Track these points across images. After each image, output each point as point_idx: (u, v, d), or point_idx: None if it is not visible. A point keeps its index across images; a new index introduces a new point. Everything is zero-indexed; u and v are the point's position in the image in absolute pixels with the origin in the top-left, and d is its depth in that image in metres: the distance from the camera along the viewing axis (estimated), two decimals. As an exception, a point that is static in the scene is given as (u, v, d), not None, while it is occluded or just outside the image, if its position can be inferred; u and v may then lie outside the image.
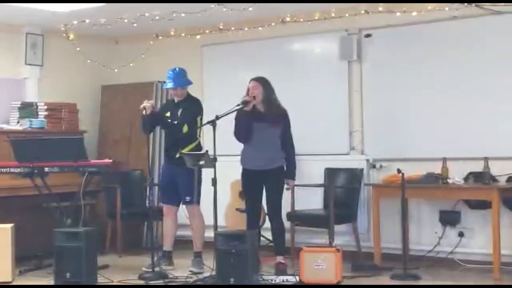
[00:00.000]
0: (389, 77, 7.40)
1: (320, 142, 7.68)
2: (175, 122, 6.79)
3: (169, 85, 6.89)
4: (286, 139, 6.76)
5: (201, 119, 6.86)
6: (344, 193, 7.38)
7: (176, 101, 6.92)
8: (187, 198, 6.78)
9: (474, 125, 6.95)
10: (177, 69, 6.93)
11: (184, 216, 7.02)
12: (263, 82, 6.73)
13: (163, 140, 6.99)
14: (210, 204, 6.34)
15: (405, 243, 6.72)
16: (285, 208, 7.18)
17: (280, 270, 6.59)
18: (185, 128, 6.75)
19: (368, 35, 7.52)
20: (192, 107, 6.86)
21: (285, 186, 6.80)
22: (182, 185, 6.78)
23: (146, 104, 6.66)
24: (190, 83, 6.98)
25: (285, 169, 6.77)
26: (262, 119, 6.65)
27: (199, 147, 6.87)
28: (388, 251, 7.06)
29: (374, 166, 7.47)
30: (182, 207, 7.00)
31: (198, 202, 6.80)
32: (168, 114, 6.87)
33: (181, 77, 6.90)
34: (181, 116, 6.80)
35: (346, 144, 7.64)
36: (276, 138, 6.71)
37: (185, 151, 6.69)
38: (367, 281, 6.41)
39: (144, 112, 6.65)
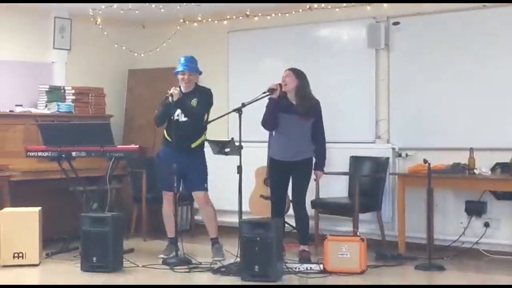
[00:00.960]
0: (417, 66, 7.35)
1: (346, 130, 7.66)
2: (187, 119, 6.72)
3: (179, 68, 6.75)
4: (317, 130, 6.71)
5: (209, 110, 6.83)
6: (369, 182, 7.37)
7: (184, 90, 6.74)
8: (205, 185, 6.78)
9: (502, 115, 6.90)
10: (189, 56, 6.85)
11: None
12: (297, 72, 6.67)
13: (169, 132, 6.79)
14: (234, 190, 6.36)
15: (430, 233, 6.70)
16: (310, 195, 7.19)
17: (304, 258, 6.61)
18: (204, 116, 6.72)
19: (396, 23, 7.47)
20: (206, 99, 6.78)
21: (313, 177, 6.79)
22: (196, 173, 6.73)
23: (174, 90, 6.63)
24: (200, 72, 6.87)
25: (313, 160, 6.74)
26: (292, 111, 6.62)
27: (204, 139, 6.85)
28: (412, 240, 7.06)
29: (400, 155, 7.44)
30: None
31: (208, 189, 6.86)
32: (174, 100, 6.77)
33: (191, 63, 6.80)
34: (199, 106, 6.71)
35: (372, 133, 7.62)
36: (306, 131, 6.67)
37: (198, 142, 6.70)
38: (391, 270, 6.41)
39: (170, 99, 6.63)
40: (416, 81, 7.36)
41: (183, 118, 6.73)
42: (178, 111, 6.71)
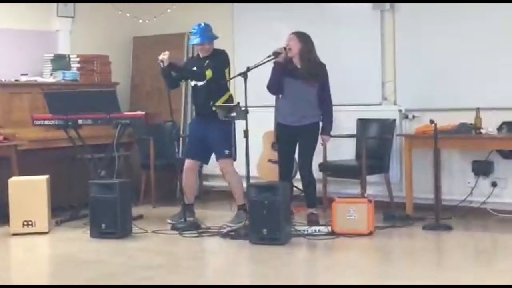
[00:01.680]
0: (422, 27, 7.30)
1: (353, 92, 7.63)
2: (194, 68, 6.73)
3: (196, 40, 6.76)
4: (324, 94, 6.68)
5: (229, 70, 6.81)
6: (376, 144, 7.37)
7: (201, 56, 6.82)
8: (226, 152, 6.72)
9: (508, 75, 6.86)
10: (202, 24, 6.81)
11: (212, 167, 7.02)
12: (301, 36, 6.62)
13: (191, 95, 6.84)
14: (243, 155, 6.37)
15: (437, 193, 6.71)
16: (317, 158, 7.20)
17: (312, 220, 6.63)
18: (208, 73, 6.63)
19: (400, -15, 7.40)
20: (218, 59, 6.76)
21: (320, 141, 6.79)
22: (218, 139, 6.71)
23: (163, 56, 6.62)
24: (216, 37, 6.87)
25: (320, 124, 6.73)
26: (297, 75, 6.59)
27: (231, 99, 6.82)
28: (420, 201, 7.06)
29: (406, 117, 7.42)
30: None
31: (235, 158, 6.82)
32: (194, 69, 6.81)
33: (207, 32, 6.79)
34: (206, 65, 6.69)
35: (379, 95, 7.60)
36: (311, 95, 6.64)
37: (218, 103, 6.67)
38: (399, 231, 6.43)
39: (162, 65, 6.62)
40: (422, 42, 7.31)
41: (198, 83, 6.74)
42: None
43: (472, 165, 7.09)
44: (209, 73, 6.64)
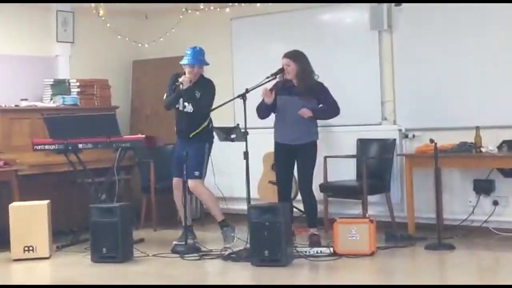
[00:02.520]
0: (420, 46, 7.32)
1: (352, 112, 7.61)
2: (191, 110, 6.78)
3: (186, 61, 6.79)
4: (329, 105, 6.68)
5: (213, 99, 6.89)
6: (377, 164, 7.36)
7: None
8: (196, 173, 6.78)
9: (507, 93, 6.87)
10: (197, 47, 6.86)
11: (213, 191, 7.03)
12: (295, 57, 6.66)
13: (175, 118, 6.90)
14: (243, 177, 6.36)
15: (439, 213, 6.70)
16: (318, 179, 7.20)
17: (314, 241, 6.62)
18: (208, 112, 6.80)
19: (398, 4, 7.43)
20: (209, 91, 6.82)
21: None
22: (190, 159, 6.73)
23: (185, 78, 6.68)
24: (207, 63, 6.92)
25: (317, 143, 6.74)
26: (294, 92, 6.63)
27: (211, 122, 6.90)
28: (421, 221, 7.04)
29: (406, 136, 7.42)
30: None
31: (203, 177, 6.88)
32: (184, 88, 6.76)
33: (200, 56, 6.84)
34: (203, 99, 6.75)
35: (378, 115, 7.60)
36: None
37: (198, 130, 6.75)
38: (402, 251, 6.41)
39: (181, 87, 6.65)
40: (420, 61, 7.32)
41: (185, 109, 6.79)
42: (181, 100, 6.77)
43: (473, 184, 7.08)
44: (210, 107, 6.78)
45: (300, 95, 6.61)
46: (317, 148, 6.76)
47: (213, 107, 6.79)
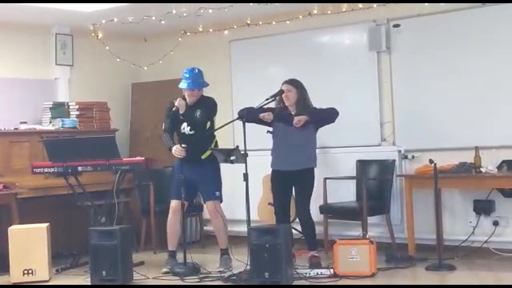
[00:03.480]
0: (419, 67, 7.35)
1: (351, 134, 7.65)
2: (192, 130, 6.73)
3: (185, 85, 6.71)
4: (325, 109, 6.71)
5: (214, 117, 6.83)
6: (376, 185, 7.35)
7: (189, 102, 6.73)
8: (217, 193, 6.74)
9: (506, 113, 6.89)
10: (196, 69, 6.79)
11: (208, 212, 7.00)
12: (296, 85, 6.71)
13: (179, 142, 6.81)
14: (242, 199, 6.36)
15: (439, 234, 6.69)
16: (318, 201, 7.20)
17: (314, 263, 6.60)
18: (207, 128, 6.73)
19: (396, 25, 7.47)
20: (210, 109, 6.74)
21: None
22: (207, 182, 6.70)
23: (180, 102, 6.64)
24: (207, 84, 6.86)
25: (315, 171, 6.74)
26: (291, 120, 6.64)
27: (216, 145, 6.84)
28: (422, 242, 7.02)
29: (406, 157, 7.42)
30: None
31: (221, 199, 6.83)
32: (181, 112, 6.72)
33: (199, 78, 6.78)
34: (200, 117, 6.66)
35: (377, 136, 7.61)
36: (306, 139, 6.68)
37: (206, 154, 6.69)
38: (402, 272, 6.38)
39: (179, 112, 6.63)
40: (419, 82, 7.35)
41: (189, 131, 6.73)
42: (184, 124, 6.71)
43: (473, 204, 7.07)
44: (206, 124, 6.70)
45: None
46: (315, 175, 6.75)
47: (214, 127, 6.76)
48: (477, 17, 7.01)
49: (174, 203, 6.78)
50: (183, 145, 6.64)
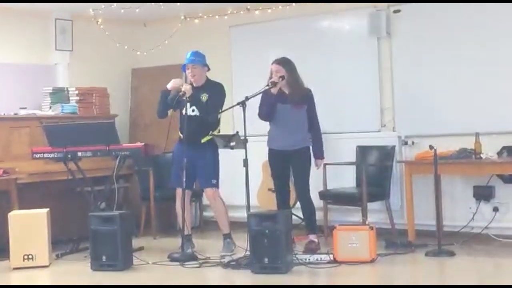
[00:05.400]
0: (419, 52, 7.33)
1: (351, 120, 7.65)
2: (198, 113, 6.70)
3: (186, 61, 6.75)
4: (312, 118, 6.77)
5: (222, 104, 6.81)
6: (376, 171, 7.35)
7: (194, 84, 6.74)
8: (213, 181, 6.75)
9: (507, 98, 6.88)
10: (200, 52, 6.83)
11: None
12: (285, 63, 6.69)
13: (180, 123, 6.76)
14: (242, 184, 6.36)
15: (439, 220, 6.69)
16: (318, 186, 7.21)
17: (310, 249, 6.61)
18: (216, 116, 6.72)
19: (397, 11, 7.44)
20: (216, 92, 6.74)
21: (315, 167, 6.79)
22: (205, 168, 6.71)
23: (186, 86, 6.62)
24: (208, 67, 6.83)
25: (311, 149, 6.78)
26: (286, 100, 6.66)
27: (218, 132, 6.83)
28: (422, 227, 7.03)
29: (406, 143, 7.42)
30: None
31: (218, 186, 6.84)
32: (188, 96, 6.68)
33: (200, 57, 6.79)
34: (210, 102, 6.67)
35: (377, 122, 7.61)
36: (301, 119, 6.71)
37: (206, 138, 6.68)
38: (402, 258, 6.39)
39: (185, 97, 6.58)
40: (419, 67, 7.33)
41: (192, 113, 6.69)
42: (188, 105, 6.67)
43: (473, 190, 7.07)
44: (219, 110, 6.71)
45: (293, 103, 6.65)
46: (311, 154, 6.78)
47: (221, 115, 6.75)
48: (479, 3, 6.97)
49: (178, 191, 6.80)
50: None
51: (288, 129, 6.68)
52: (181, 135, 6.78)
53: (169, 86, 6.71)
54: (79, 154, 6.85)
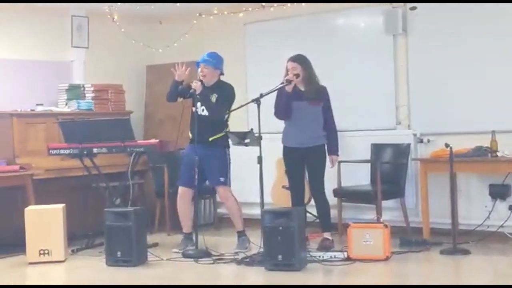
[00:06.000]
0: (435, 50, 7.29)
1: (366, 117, 7.63)
2: (206, 111, 6.72)
3: (201, 58, 6.79)
4: (327, 115, 6.75)
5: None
6: (391, 169, 7.34)
7: (206, 84, 6.76)
8: (221, 179, 6.77)
9: (524, 97, 6.84)
10: (217, 53, 6.83)
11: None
12: (301, 61, 6.68)
13: (192, 126, 6.77)
14: (256, 182, 6.36)
15: (454, 218, 6.66)
16: (332, 184, 7.19)
17: (324, 246, 6.60)
18: (223, 116, 6.74)
19: (413, 8, 7.41)
20: (225, 93, 6.74)
21: (329, 164, 6.78)
22: (213, 167, 6.73)
23: (196, 84, 6.65)
24: (222, 71, 6.83)
25: (326, 146, 6.77)
26: (302, 97, 6.65)
27: (226, 136, 6.83)
28: (437, 226, 7.01)
29: (421, 141, 7.39)
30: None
31: (229, 184, 6.86)
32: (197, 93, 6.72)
33: (216, 59, 6.80)
34: (218, 103, 6.69)
35: (393, 119, 7.58)
36: (317, 116, 6.71)
37: (218, 136, 6.70)
38: (416, 256, 6.38)
39: (196, 93, 6.63)
40: (435, 65, 7.30)
41: (202, 112, 6.73)
42: (199, 104, 6.71)
43: (489, 188, 7.03)
44: (225, 112, 6.73)
45: (309, 100, 6.64)
46: (326, 152, 6.78)
47: (229, 115, 6.76)
48: (495, 3, 6.92)
49: (180, 190, 6.87)
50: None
51: (303, 126, 6.68)
52: (190, 135, 6.82)
53: (177, 77, 6.72)
54: (95, 150, 6.90)
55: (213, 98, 6.73)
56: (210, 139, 6.72)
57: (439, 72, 7.28)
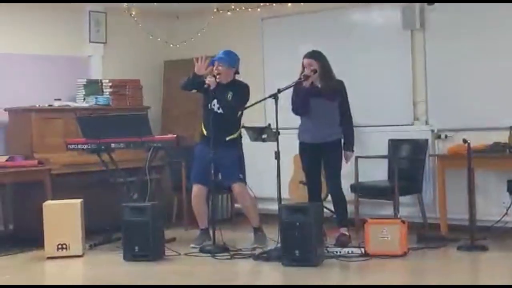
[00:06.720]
0: (453, 45, 7.26)
1: (384, 113, 7.61)
2: (221, 109, 6.70)
3: (217, 56, 6.77)
4: (344, 110, 6.74)
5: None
6: (408, 164, 7.32)
7: (221, 81, 6.71)
8: (240, 176, 6.76)
9: (543, 92, 6.79)
10: (233, 53, 6.81)
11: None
12: (317, 57, 6.66)
13: (205, 119, 6.79)
14: (274, 177, 6.36)
15: (472, 214, 6.63)
16: (349, 180, 7.18)
17: (341, 242, 6.60)
18: (236, 114, 6.74)
19: (430, 3, 7.37)
20: (240, 92, 6.71)
21: (344, 160, 6.77)
22: (230, 164, 6.72)
23: (210, 79, 6.65)
24: (237, 70, 6.81)
25: (342, 141, 6.75)
26: (318, 93, 6.64)
27: (240, 137, 6.85)
28: (454, 222, 6.98)
29: (439, 137, 7.37)
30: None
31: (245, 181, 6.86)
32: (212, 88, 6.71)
33: (231, 58, 6.77)
34: (232, 101, 6.67)
35: (410, 115, 7.56)
36: (333, 112, 6.70)
37: (230, 137, 6.71)
38: (433, 252, 6.36)
39: (210, 88, 6.63)
40: (453, 60, 7.27)
41: (218, 110, 6.72)
42: (214, 101, 6.72)
43: (507, 184, 6.99)
44: (239, 110, 6.73)
45: (326, 96, 6.63)
46: (342, 147, 6.77)
47: (246, 105, 6.73)
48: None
49: (195, 188, 6.88)
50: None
51: (320, 122, 6.67)
52: (204, 131, 6.81)
53: (196, 70, 6.72)
54: (113, 145, 6.93)
55: (229, 96, 6.73)
56: (227, 138, 6.71)
57: (456, 68, 7.25)
